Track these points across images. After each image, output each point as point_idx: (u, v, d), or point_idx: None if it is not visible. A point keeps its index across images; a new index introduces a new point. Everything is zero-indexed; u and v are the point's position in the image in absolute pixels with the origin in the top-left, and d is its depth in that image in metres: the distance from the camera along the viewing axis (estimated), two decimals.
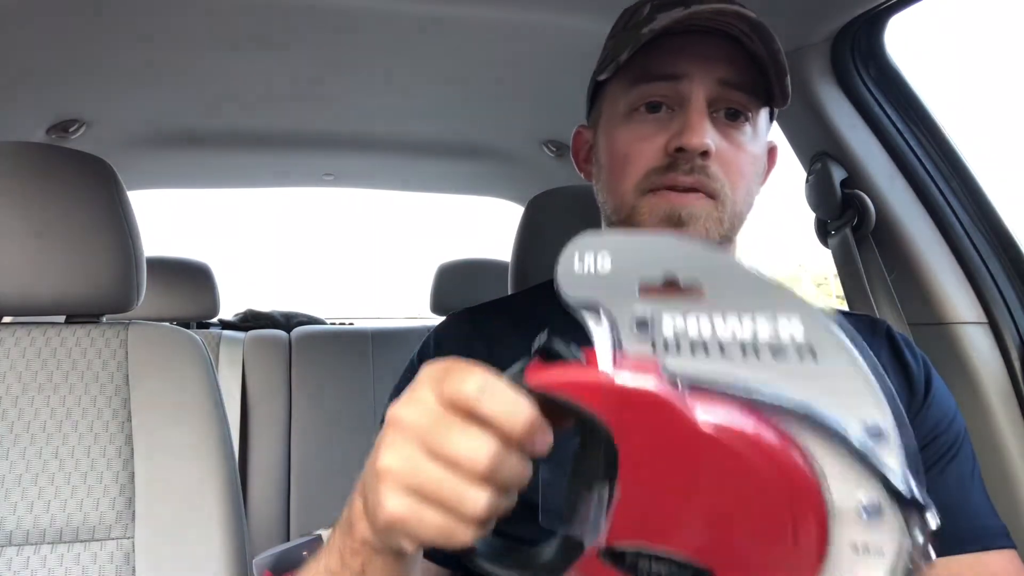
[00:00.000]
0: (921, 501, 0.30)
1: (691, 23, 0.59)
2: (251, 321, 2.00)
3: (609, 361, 0.32)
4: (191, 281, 1.75)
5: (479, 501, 0.33)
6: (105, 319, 0.97)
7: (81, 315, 0.94)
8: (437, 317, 1.98)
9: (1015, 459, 0.91)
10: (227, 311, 1.99)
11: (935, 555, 0.30)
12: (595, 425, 0.32)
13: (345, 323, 2.19)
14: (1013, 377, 0.94)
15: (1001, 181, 1.06)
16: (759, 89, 0.62)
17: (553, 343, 0.33)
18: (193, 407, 0.89)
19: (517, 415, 0.32)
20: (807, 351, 0.30)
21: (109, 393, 0.88)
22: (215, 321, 1.99)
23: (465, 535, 0.33)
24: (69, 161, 0.91)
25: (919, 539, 0.29)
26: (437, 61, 1.24)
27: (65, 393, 0.87)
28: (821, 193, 1.05)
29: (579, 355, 0.33)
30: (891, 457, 0.30)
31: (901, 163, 1.02)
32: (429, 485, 0.33)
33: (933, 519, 0.30)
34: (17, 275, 0.86)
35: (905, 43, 1.02)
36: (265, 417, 1.67)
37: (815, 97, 1.02)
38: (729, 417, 0.31)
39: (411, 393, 0.35)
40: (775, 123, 1.10)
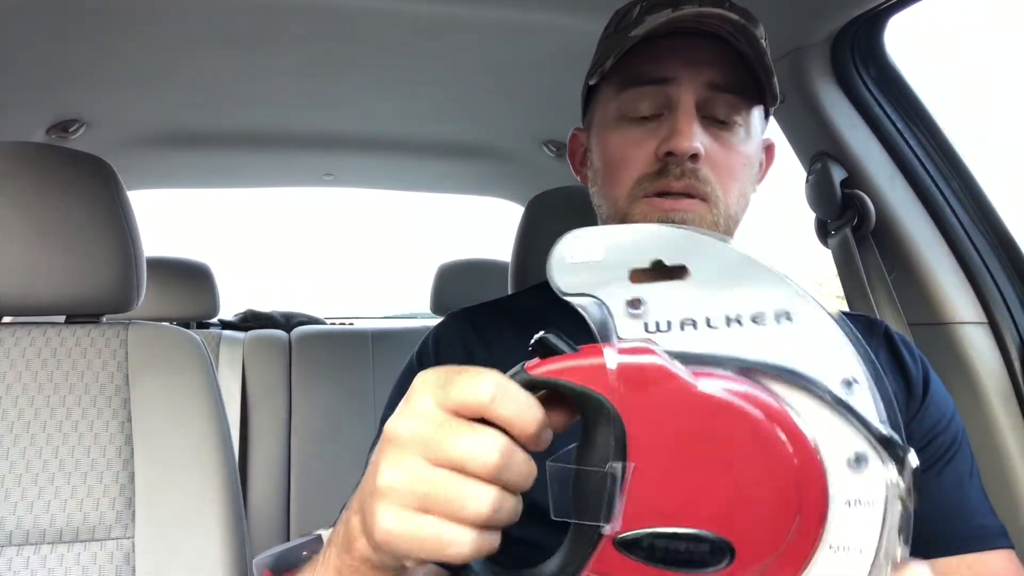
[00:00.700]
0: (900, 442, 0.32)
1: (676, 26, 0.59)
2: (251, 321, 2.00)
3: (608, 345, 0.34)
4: (191, 281, 1.75)
5: (484, 501, 0.32)
6: (105, 319, 0.97)
7: (81, 315, 0.94)
8: (437, 317, 1.98)
9: (1015, 459, 0.91)
10: (227, 311, 1.99)
11: (920, 496, 0.32)
12: (602, 409, 0.33)
13: (345, 323, 2.19)
14: (1013, 377, 0.94)
15: (1001, 181, 1.06)
16: (749, 89, 0.61)
17: (548, 338, 0.34)
18: (193, 407, 0.89)
19: (528, 415, 0.33)
20: (783, 315, 0.33)
21: (109, 393, 0.88)
22: (215, 321, 1.99)
23: (461, 548, 0.33)
24: (69, 161, 0.91)
25: (904, 481, 0.32)
26: (437, 61, 1.24)
27: (65, 393, 0.87)
28: (821, 193, 1.05)
29: (575, 347, 0.34)
30: (867, 404, 0.32)
31: (901, 163, 1.02)
32: (431, 493, 0.33)
33: (914, 459, 0.32)
34: (17, 275, 0.86)
35: (905, 43, 1.02)
36: (265, 417, 1.67)
37: (815, 97, 1.02)
38: (725, 382, 0.33)
39: (407, 405, 0.35)
40: (776, 123, 1.11)
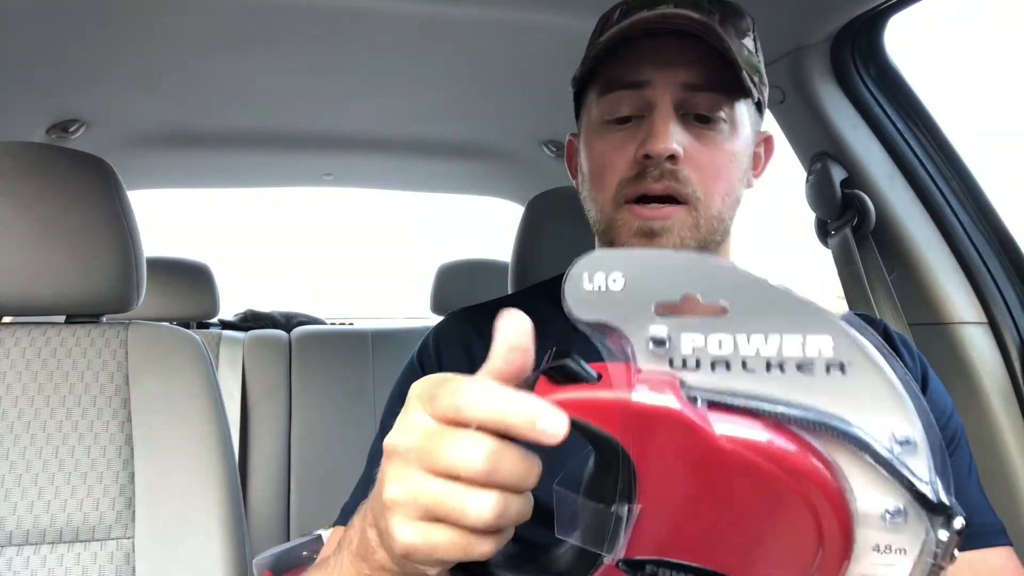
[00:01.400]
0: (948, 503, 0.30)
1: (648, 28, 0.59)
2: (251, 321, 1.99)
3: (624, 380, 0.31)
4: (191, 281, 1.75)
5: (484, 506, 0.32)
6: (105, 319, 0.97)
7: (81, 315, 0.94)
8: (437, 317, 1.98)
9: (1015, 459, 0.91)
10: (227, 311, 1.99)
11: (958, 554, 0.30)
12: (614, 449, 0.31)
13: (345, 323, 2.19)
14: (1013, 377, 0.94)
15: (1001, 181, 1.06)
16: (730, 85, 0.61)
17: (565, 363, 0.32)
18: (193, 407, 0.89)
19: (520, 413, 0.32)
20: (835, 366, 0.30)
21: (109, 393, 0.88)
22: (215, 321, 1.99)
23: (482, 546, 0.33)
24: (69, 161, 0.91)
25: (943, 538, 0.30)
26: (437, 61, 1.24)
27: (65, 393, 0.87)
28: (821, 193, 1.05)
29: (592, 374, 0.32)
30: (920, 464, 0.30)
31: (901, 163, 1.02)
32: (434, 504, 0.33)
33: (959, 520, 0.30)
34: (17, 275, 0.86)
35: (905, 43, 1.02)
36: (265, 417, 1.67)
37: (815, 97, 1.02)
38: (748, 431, 0.30)
39: (403, 419, 0.35)
40: (776, 123, 1.11)
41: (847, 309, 0.72)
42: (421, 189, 2.17)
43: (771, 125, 1.02)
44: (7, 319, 0.94)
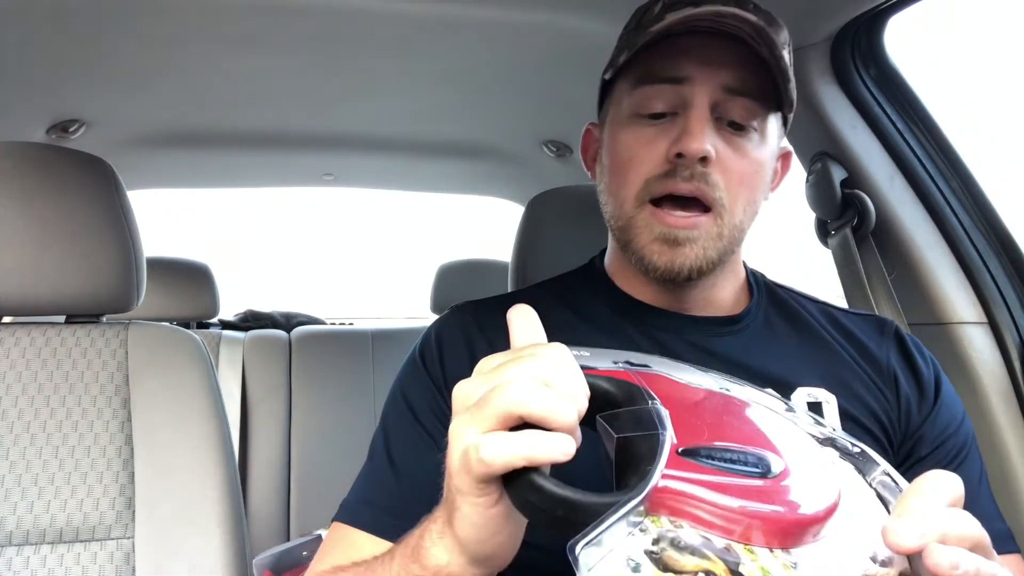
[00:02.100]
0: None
1: (694, 25, 0.58)
2: (251, 321, 1.99)
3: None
4: (191, 281, 1.75)
5: (568, 406, 0.37)
6: (105, 319, 0.97)
7: (81, 315, 0.94)
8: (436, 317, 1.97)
9: (1015, 459, 0.91)
10: (227, 311, 1.99)
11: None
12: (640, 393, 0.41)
13: (345, 323, 2.19)
14: (1013, 377, 0.94)
15: (1001, 181, 1.06)
16: (767, 94, 0.60)
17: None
18: (193, 407, 0.89)
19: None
20: None
21: (109, 393, 0.88)
22: (215, 321, 1.99)
23: (568, 445, 0.36)
24: (69, 161, 0.91)
25: None
26: (437, 61, 1.24)
27: (65, 393, 0.87)
28: (821, 193, 1.05)
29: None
30: None
31: (901, 163, 1.02)
32: (524, 406, 0.37)
33: None
34: (17, 275, 0.86)
35: (905, 43, 1.02)
36: (265, 417, 1.67)
37: (815, 97, 1.02)
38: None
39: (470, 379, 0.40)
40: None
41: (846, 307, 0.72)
42: (421, 189, 2.17)
43: None
44: (7, 319, 0.94)
